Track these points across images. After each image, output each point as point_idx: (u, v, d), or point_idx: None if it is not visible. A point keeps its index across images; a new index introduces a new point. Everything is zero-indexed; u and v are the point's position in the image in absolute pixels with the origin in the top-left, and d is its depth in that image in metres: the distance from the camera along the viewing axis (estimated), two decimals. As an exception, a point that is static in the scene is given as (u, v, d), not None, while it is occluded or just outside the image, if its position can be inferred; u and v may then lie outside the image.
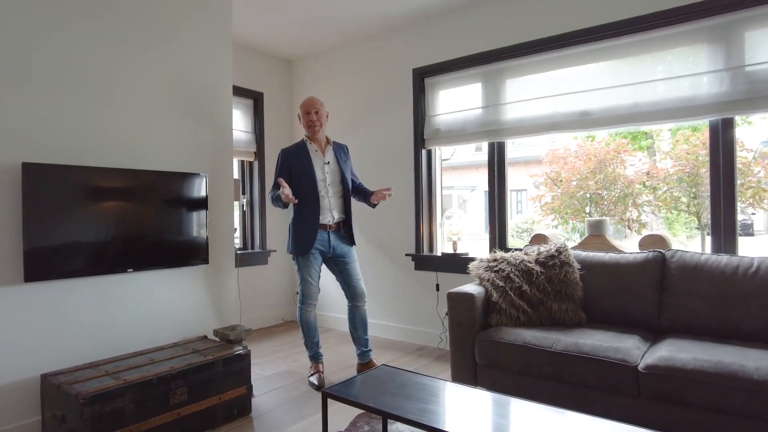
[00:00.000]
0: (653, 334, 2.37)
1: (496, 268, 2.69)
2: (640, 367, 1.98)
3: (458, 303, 2.54)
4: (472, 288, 2.60)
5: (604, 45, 2.95)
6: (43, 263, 2.12)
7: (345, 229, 3.02)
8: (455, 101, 3.67)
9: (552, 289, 2.58)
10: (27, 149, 2.14)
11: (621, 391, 2.02)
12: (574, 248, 2.94)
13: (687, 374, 1.87)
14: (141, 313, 2.53)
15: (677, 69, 2.73)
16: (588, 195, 4.23)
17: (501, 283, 2.60)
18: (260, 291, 4.38)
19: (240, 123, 4.33)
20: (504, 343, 2.35)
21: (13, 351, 2.09)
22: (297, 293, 4.63)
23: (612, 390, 2.04)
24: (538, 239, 3.13)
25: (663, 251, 2.51)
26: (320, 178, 2.92)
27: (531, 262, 2.68)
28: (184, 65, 2.77)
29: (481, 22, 3.44)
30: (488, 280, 2.65)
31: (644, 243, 2.75)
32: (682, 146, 3.91)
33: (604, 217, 3.14)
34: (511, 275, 2.63)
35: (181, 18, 2.75)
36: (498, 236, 3.51)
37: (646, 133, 4.56)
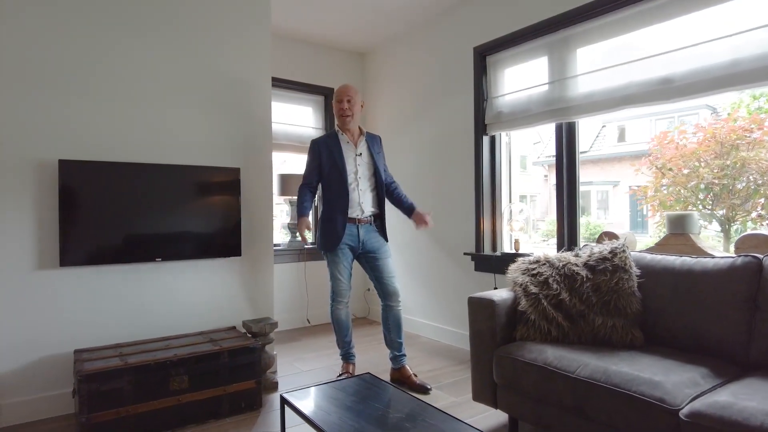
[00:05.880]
0: (737, 368, 1.75)
1: (534, 272, 2.26)
2: (683, 412, 1.46)
3: (477, 310, 2.18)
4: (498, 294, 2.22)
5: (693, -11, 2.29)
6: (76, 250, 2.35)
7: (377, 224, 2.84)
8: (518, 80, 3.21)
9: (598, 300, 2.07)
10: (64, 147, 2.39)
11: (657, 440, 1.51)
12: (646, 250, 2.34)
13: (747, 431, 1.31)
14: (171, 300, 2.67)
15: (798, 7, 1.99)
16: (702, 185, 3.37)
17: (534, 290, 2.17)
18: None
19: (310, 119, 4.39)
20: (521, 362, 1.94)
21: (51, 327, 2.35)
22: (368, 289, 4.60)
23: (646, 438, 1.54)
24: (606, 237, 2.56)
25: (761, 257, 1.84)
26: (351, 171, 2.79)
27: (577, 266, 2.19)
28: (220, 59, 2.86)
29: (544, -16, 2.95)
30: (521, 284, 2.23)
31: (742, 245, 2.06)
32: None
33: (689, 211, 2.45)
34: (550, 280, 2.18)
35: (216, 11, 2.84)
36: (567, 237, 2.98)
37: None
